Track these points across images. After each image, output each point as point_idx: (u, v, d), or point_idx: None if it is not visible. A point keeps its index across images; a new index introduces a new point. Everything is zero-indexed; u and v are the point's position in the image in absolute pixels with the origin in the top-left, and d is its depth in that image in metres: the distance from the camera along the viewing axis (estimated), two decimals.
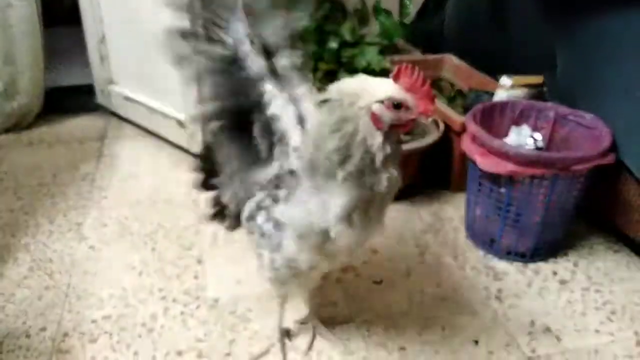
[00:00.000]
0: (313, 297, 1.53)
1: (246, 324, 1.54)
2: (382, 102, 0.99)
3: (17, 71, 2.51)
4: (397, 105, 0.99)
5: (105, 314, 1.57)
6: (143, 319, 1.55)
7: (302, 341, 1.49)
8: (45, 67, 2.63)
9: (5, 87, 2.51)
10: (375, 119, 1.00)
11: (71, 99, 2.87)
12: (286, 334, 1.50)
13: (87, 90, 2.82)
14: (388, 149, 1.03)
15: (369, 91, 1.01)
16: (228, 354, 1.44)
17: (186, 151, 2.43)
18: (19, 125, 2.63)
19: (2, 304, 1.60)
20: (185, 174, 2.27)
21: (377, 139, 1.01)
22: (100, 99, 2.80)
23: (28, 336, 1.49)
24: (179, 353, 1.44)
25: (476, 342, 1.50)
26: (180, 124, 2.35)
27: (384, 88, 1.01)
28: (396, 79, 1.00)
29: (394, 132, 1.03)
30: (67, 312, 1.57)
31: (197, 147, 2.32)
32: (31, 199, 2.10)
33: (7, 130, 2.61)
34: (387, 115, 1.00)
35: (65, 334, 1.50)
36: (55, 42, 2.91)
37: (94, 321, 1.54)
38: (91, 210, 2.04)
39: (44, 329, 1.51)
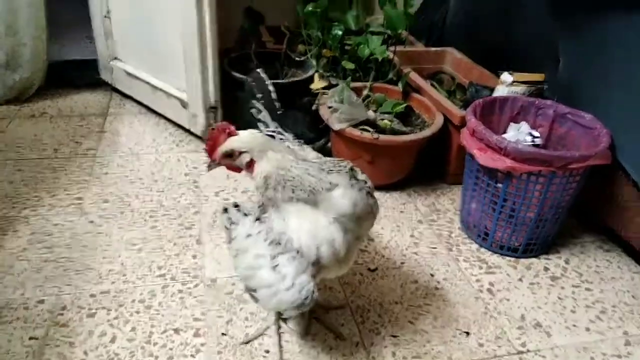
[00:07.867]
0: None
1: (243, 305, 1.56)
2: None
3: (19, 43, 2.49)
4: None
5: (103, 289, 1.59)
6: (141, 295, 1.57)
7: (297, 324, 1.52)
8: (49, 40, 2.61)
9: (7, 59, 2.50)
10: None
11: (75, 73, 2.85)
12: (281, 316, 1.53)
13: (91, 65, 2.81)
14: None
15: None
16: (224, 334, 1.47)
17: (187, 131, 2.43)
18: (21, 97, 2.62)
19: (0, 275, 1.61)
20: (187, 154, 2.30)
21: None
22: (103, 74, 2.79)
23: (26, 308, 1.50)
24: (176, 331, 1.47)
25: (467, 333, 1.53)
26: (183, 103, 2.35)
27: None
28: None
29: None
30: (65, 286, 1.59)
31: (198, 129, 2.33)
32: (32, 171, 2.10)
33: (9, 102, 2.60)
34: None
35: (64, 307, 1.51)
36: (61, 15, 2.89)
37: (92, 295, 1.56)
38: (92, 185, 2.05)
39: (42, 302, 1.53)
